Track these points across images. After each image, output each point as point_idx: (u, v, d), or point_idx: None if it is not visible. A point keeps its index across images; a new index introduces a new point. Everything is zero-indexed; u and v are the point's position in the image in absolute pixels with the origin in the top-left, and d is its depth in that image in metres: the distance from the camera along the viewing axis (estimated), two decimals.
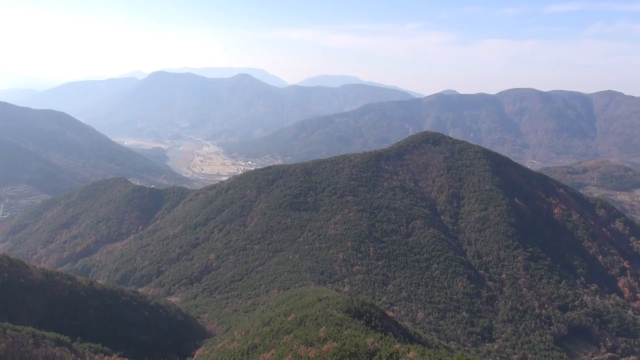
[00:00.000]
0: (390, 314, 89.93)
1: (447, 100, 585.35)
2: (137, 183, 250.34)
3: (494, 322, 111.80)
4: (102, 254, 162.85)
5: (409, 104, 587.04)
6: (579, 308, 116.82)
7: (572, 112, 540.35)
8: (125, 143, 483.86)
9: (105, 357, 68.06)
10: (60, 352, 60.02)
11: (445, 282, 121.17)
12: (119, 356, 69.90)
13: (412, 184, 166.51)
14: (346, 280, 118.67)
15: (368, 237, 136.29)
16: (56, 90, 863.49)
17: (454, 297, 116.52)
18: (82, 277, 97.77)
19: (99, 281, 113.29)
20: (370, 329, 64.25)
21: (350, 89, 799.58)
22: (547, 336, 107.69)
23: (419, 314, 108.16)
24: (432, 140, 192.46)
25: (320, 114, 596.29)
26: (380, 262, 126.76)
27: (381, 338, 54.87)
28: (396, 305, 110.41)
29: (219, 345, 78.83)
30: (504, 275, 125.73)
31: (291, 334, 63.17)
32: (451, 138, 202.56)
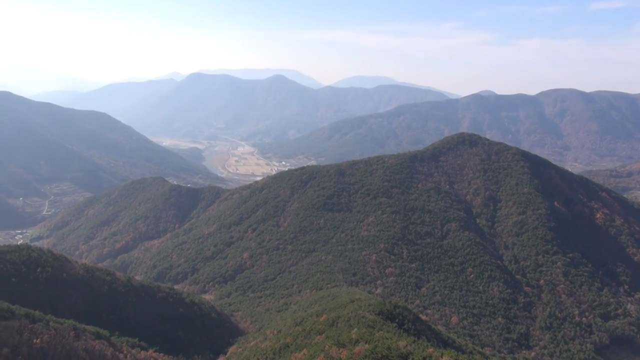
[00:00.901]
0: (423, 317, 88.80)
1: (484, 101, 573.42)
2: (174, 182, 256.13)
3: (531, 328, 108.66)
4: (140, 250, 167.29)
5: (444, 105, 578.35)
6: (621, 317, 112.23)
7: (616, 113, 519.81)
8: (163, 143, 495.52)
9: (142, 351, 69.76)
10: (100, 346, 61.95)
11: (481, 287, 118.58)
12: (155, 351, 71.58)
13: (447, 186, 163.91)
14: (379, 282, 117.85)
15: (401, 239, 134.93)
16: (99, 91, 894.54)
17: (490, 302, 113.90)
18: (121, 273, 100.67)
19: (137, 277, 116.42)
20: (403, 332, 63.54)
21: (385, 90, 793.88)
22: (588, 345, 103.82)
23: (453, 318, 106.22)
24: (468, 141, 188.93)
25: (354, 115, 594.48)
26: (413, 265, 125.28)
27: (414, 341, 54.15)
28: (429, 309, 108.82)
29: (251, 344, 79.62)
30: (542, 281, 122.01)
31: (323, 335, 63.13)
32: (488, 140, 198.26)
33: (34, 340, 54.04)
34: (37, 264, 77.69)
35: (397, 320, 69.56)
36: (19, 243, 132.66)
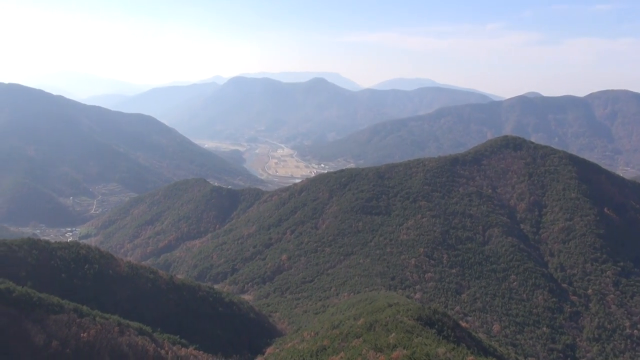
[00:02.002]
0: (463, 324, 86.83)
1: (530, 103, 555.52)
2: (215, 184, 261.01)
3: (577, 339, 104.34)
4: (182, 250, 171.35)
5: (487, 107, 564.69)
6: None
7: None
8: (205, 145, 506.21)
9: (183, 348, 71.26)
10: (142, 341, 63.72)
11: (524, 295, 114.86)
12: (195, 349, 72.95)
13: (490, 191, 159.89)
14: (418, 287, 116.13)
15: (441, 244, 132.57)
16: (145, 95, 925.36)
17: (534, 310, 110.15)
18: (164, 272, 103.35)
19: (179, 276, 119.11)
20: (442, 339, 62.28)
21: (426, 92, 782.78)
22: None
23: (494, 326, 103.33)
24: (512, 144, 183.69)
25: (394, 118, 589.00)
26: (454, 270, 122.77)
27: (453, 349, 53.02)
28: (470, 316, 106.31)
29: (288, 345, 79.94)
30: (590, 291, 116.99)
31: (360, 338, 62.70)
32: (533, 143, 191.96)
33: (82, 334, 56.11)
34: (85, 261, 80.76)
35: (436, 327, 68.25)
36: (68, 240, 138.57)
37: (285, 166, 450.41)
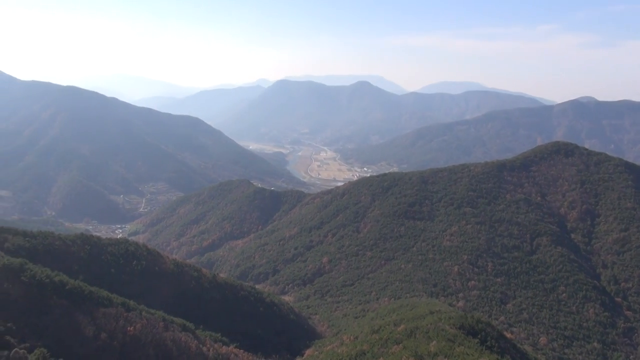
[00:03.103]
0: (508, 335, 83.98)
1: (583, 108, 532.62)
2: (259, 185, 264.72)
3: (631, 357, 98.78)
4: (225, 249, 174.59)
5: (537, 112, 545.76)
6: None
7: None
8: (250, 147, 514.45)
9: (224, 346, 72.40)
10: (185, 338, 65.17)
11: (574, 307, 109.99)
12: (235, 347, 73.98)
13: (539, 198, 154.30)
14: (460, 294, 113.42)
15: (486, 252, 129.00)
16: (192, 97, 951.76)
17: (584, 324, 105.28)
18: (207, 270, 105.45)
19: (221, 275, 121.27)
20: (485, 349, 60.50)
21: (473, 96, 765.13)
22: None
23: (541, 338, 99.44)
24: (563, 150, 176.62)
25: (440, 122, 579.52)
26: (499, 279, 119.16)
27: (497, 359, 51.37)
28: (515, 327, 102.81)
29: (328, 348, 79.80)
30: None
31: (400, 345, 61.81)
32: (586, 149, 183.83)
33: (128, 328, 57.90)
34: (133, 257, 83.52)
35: (479, 336, 66.35)
36: (118, 237, 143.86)
37: (327, 169, 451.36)
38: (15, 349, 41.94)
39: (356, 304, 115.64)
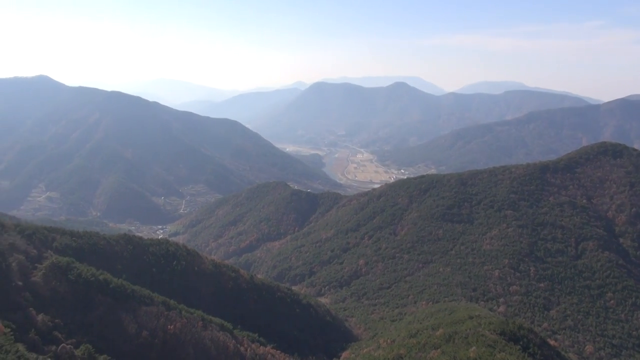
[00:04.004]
0: (552, 342, 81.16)
1: (633, 107, 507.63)
2: (295, 187, 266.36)
3: None
4: (262, 250, 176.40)
5: (583, 111, 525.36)
6: None
7: None
8: (287, 149, 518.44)
9: (261, 347, 73.10)
10: (223, 337, 66.17)
11: (623, 315, 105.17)
12: (272, 347, 74.55)
13: (584, 201, 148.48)
14: (501, 300, 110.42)
15: (528, 256, 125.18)
16: (231, 100, 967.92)
17: (633, 333, 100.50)
18: (245, 271, 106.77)
19: (259, 276, 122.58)
20: (528, 356, 58.69)
21: (514, 96, 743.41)
22: None
23: (587, 347, 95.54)
24: (611, 151, 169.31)
25: (479, 123, 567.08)
26: (542, 284, 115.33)
27: None
28: (559, 334, 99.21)
29: (364, 351, 79.31)
30: None
31: (439, 350, 60.74)
32: (636, 150, 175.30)
33: (169, 327, 59.29)
34: (173, 257, 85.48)
35: (521, 343, 64.37)
36: (159, 237, 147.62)
37: (364, 171, 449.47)
38: (63, 344, 43.63)
39: (393, 307, 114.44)
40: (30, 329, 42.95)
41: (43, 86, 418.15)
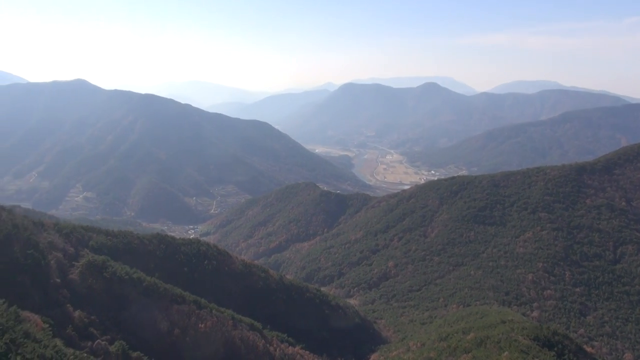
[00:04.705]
0: (588, 349, 78.60)
1: None
2: (325, 188, 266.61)
3: None
4: (291, 251, 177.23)
5: (622, 111, 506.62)
6: None
7: None
8: (316, 150, 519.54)
9: (290, 347, 73.39)
10: (253, 337, 66.71)
11: None
12: (301, 348, 74.73)
13: (624, 203, 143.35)
14: (535, 304, 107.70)
15: (564, 260, 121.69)
16: (261, 102, 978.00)
17: None
18: (274, 271, 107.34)
19: (288, 276, 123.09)
20: None
21: (549, 95, 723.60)
22: None
23: (626, 355, 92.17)
24: None
25: (512, 123, 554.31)
26: (577, 289, 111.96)
27: None
28: (596, 341, 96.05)
29: (393, 353, 78.67)
30: None
31: (469, 354, 59.71)
32: None
33: (200, 325, 60.16)
34: (204, 257, 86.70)
35: (555, 349, 62.64)
36: (191, 237, 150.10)
37: (394, 172, 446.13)
38: (98, 340, 44.85)
39: (423, 310, 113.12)
40: (67, 325, 44.28)
41: (80, 90, 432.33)
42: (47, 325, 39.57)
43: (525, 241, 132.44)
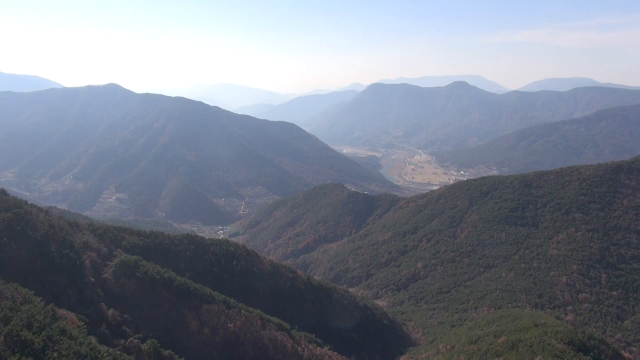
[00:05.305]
0: (626, 354, 76.01)
1: None
2: (352, 189, 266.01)
3: None
4: (319, 252, 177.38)
5: None
6: None
7: None
8: (343, 151, 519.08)
9: (318, 347, 73.40)
10: (281, 337, 66.99)
11: None
12: (329, 349, 74.66)
13: None
14: (569, 307, 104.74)
15: (599, 262, 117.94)
16: (289, 104, 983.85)
17: None
18: (302, 272, 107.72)
19: (316, 277, 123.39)
20: None
21: (583, 93, 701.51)
22: None
23: None
24: None
25: (544, 122, 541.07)
26: (614, 293, 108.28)
27: None
28: (635, 346, 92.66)
29: (422, 356, 77.83)
30: None
31: (501, 358, 58.55)
32: None
33: (229, 325, 60.78)
34: (233, 257, 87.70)
35: (591, 354, 60.77)
36: (220, 238, 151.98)
37: (422, 172, 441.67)
38: (131, 338, 45.81)
39: (453, 312, 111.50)
40: (101, 323, 45.41)
41: (113, 94, 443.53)
42: (82, 323, 40.63)
43: (558, 242, 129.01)
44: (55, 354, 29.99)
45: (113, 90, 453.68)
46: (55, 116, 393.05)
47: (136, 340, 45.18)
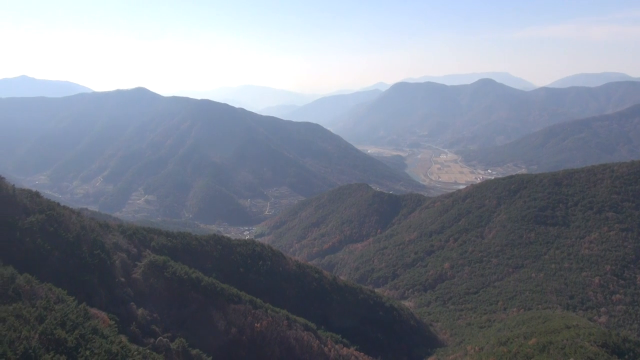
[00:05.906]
0: None
1: None
2: (377, 189, 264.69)
3: None
4: (344, 252, 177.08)
5: None
6: None
7: None
8: (368, 151, 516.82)
9: (344, 348, 73.28)
10: (308, 337, 67.13)
11: None
12: (355, 349, 74.45)
13: None
14: (602, 309, 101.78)
15: (634, 262, 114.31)
16: (313, 104, 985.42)
17: None
18: (328, 272, 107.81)
19: (341, 277, 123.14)
20: None
21: (615, 88, 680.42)
22: None
23: None
24: None
25: (574, 118, 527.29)
26: None
27: None
28: None
29: (450, 357, 76.87)
30: None
31: None
32: None
33: (256, 325, 61.24)
34: (259, 257, 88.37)
35: (626, 357, 58.91)
36: (246, 238, 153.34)
37: (448, 172, 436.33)
38: (160, 337, 46.60)
39: (481, 313, 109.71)
40: (131, 322, 46.32)
41: (141, 97, 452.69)
42: (113, 322, 41.50)
43: (590, 242, 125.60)
44: (87, 352, 30.70)
45: (141, 94, 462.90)
46: (86, 120, 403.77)
47: (165, 340, 45.93)
